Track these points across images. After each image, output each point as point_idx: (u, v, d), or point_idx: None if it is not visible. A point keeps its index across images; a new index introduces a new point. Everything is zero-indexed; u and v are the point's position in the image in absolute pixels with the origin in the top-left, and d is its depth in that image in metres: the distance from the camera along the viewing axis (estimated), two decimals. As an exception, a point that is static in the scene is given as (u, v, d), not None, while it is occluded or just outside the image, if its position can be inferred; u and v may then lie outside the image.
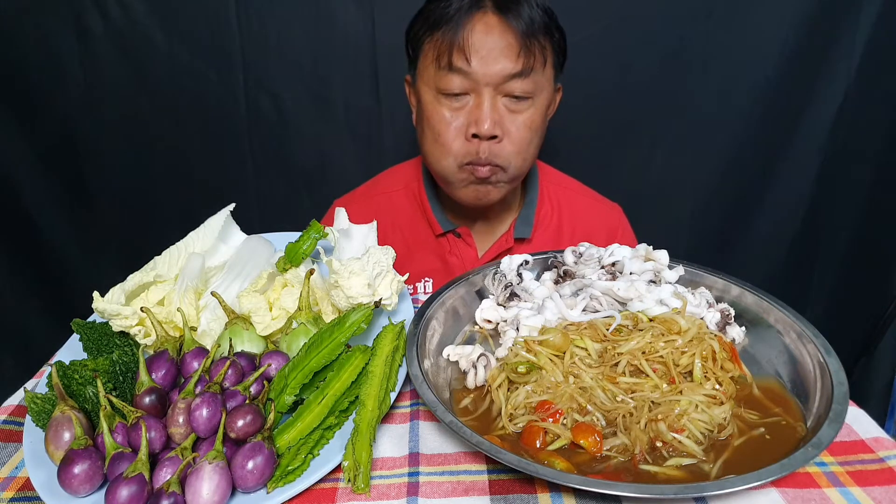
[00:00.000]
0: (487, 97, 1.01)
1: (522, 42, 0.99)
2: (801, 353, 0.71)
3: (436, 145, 1.07)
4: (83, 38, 1.50)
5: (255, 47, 1.50)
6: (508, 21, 0.98)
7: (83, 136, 1.60)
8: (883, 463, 0.58)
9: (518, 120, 1.03)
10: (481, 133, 1.01)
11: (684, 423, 0.62)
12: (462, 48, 0.98)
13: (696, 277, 0.86)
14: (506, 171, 1.07)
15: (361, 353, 0.69)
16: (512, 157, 1.05)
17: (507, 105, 1.03)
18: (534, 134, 1.06)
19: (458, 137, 1.04)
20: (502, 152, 1.04)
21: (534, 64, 1.01)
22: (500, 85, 1.01)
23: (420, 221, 1.23)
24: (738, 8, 1.45)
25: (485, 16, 0.99)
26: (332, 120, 1.58)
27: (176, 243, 0.85)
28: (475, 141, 1.03)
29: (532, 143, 1.07)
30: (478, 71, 0.99)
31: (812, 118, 1.55)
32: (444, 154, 1.06)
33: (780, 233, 1.68)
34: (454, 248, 1.21)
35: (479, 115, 1.01)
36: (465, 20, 0.99)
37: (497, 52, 0.99)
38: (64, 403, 0.61)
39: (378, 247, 0.82)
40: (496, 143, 1.03)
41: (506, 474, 0.59)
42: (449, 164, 1.07)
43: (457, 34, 0.99)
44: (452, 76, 1.01)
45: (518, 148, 1.05)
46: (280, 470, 0.58)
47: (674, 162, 1.61)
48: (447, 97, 1.03)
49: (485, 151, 1.03)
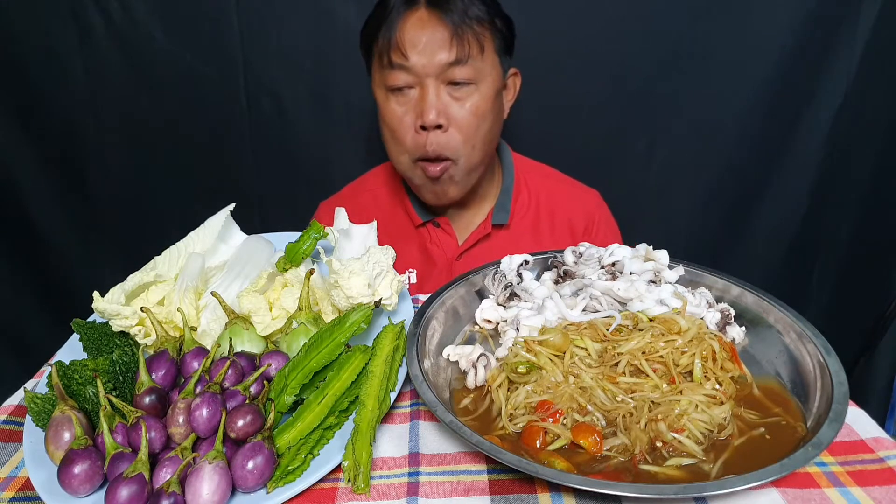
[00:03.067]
0: (431, 88, 1.07)
1: (454, 32, 1.04)
2: (801, 353, 0.71)
3: (392, 142, 1.14)
4: (84, 37, 1.50)
5: (255, 47, 1.50)
6: (440, 14, 1.05)
7: (83, 135, 1.60)
8: (883, 463, 0.58)
9: (464, 107, 1.08)
10: (426, 122, 1.06)
11: (684, 423, 0.62)
12: (399, 45, 1.06)
13: (696, 277, 0.86)
14: (456, 163, 1.11)
15: (361, 353, 0.69)
16: (460, 147, 1.10)
17: (451, 93, 1.08)
18: (481, 120, 1.10)
19: (408, 132, 1.10)
20: (450, 142, 1.09)
21: (469, 52, 1.06)
22: (440, 75, 1.06)
23: (401, 214, 1.28)
24: (737, 8, 1.45)
25: (417, 12, 1.06)
26: (333, 120, 1.58)
27: (176, 243, 0.85)
28: (424, 133, 1.08)
29: (480, 130, 1.11)
30: (416, 64, 1.05)
31: (812, 118, 1.55)
32: (399, 150, 1.13)
33: (780, 233, 1.68)
34: (434, 237, 1.26)
35: (424, 106, 1.07)
36: (400, 18, 1.06)
37: (432, 44, 1.05)
38: (64, 403, 0.61)
39: (378, 247, 0.82)
40: (443, 133, 1.08)
41: (506, 474, 0.59)
42: (405, 159, 1.13)
43: (394, 32, 1.06)
44: (395, 72, 1.07)
45: (465, 135, 1.09)
46: (280, 470, 0.58)
47: (673, 162, 1.61)
48: (394, 93, 1.10)
49: (432, 143, 1.08)
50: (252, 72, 1.52)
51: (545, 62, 1.48)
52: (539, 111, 1.53)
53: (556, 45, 1.48)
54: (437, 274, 1.25)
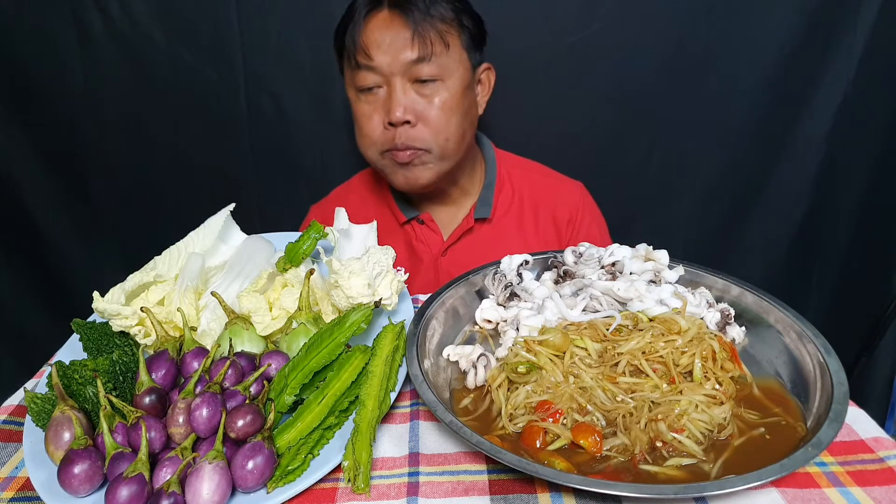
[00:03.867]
0: (397, 86, 1.09)
1: (415, 30, 1.07)
2: (801, 353, 0.71)
3: (361, 138, 1.17)
4: (84, 37, 1.50)
5: (255, 47, 1.50)
6: (401, 14, 1.08)
7: (84, 135, 1.60)
8: (883, 463, 0.58)
9: (431, 103, 1.11)
10: (394, 120, 1.09)
11: (684, 423, 0.62)
12: (363, 46, 1.09)
13: (696, 277, 0.86)
14: (430, 152, 1.13)
15: (361, 353, 0.69)
16: (431, 139, 1.12)
17: (418, 90, 1.10)
18: (450, 114, 1.12)
19: (377, 128, 1.13)
20: (419, 136, 1.11)
21: (433, 49, 1.08)
22: (405, 73, 1.09)
23: (386, 214, 1.30)
24: (737, 8, 1.45)
25: (380, 13, 1.09)
26: (333, 119, 1.58)
27: (176, 243, 0.85)
28: (391, 129, 1.11)
29: (451, 123, 1.13)
30: (382, 63, 1.08)
31: (811, 118, 1.55)
32: (367, 145, 1.16)
33: (780, 233, 1.68)
34: (420, 234, 1.27)
35: (391, 104, 1.09)
36: (364, 20, 1.10)
37: (395, 44, 1.07)
38: (64, 403, 0.61)
39: (378, 247, 0.82)
40: (411, 129, 1.11)
41: (506, 474, 0.59)
42: (373, 153, 1.16)
43: (358, 34, 1.09)
44: (363, 73, 1.11)
45: (435, 129, 1.11)
46: (280, 470, 0.58)
47: (673, 162, 1.61)
48: (363, 93, 1.13)
49: (400, 137, 1.11)
50: (252, 72, 1.52)
51: (545, 62, 1.48)
52: (538, 111, 1.53)
53: (556, 45, 1.48)
54: (423, 270, 1.26)
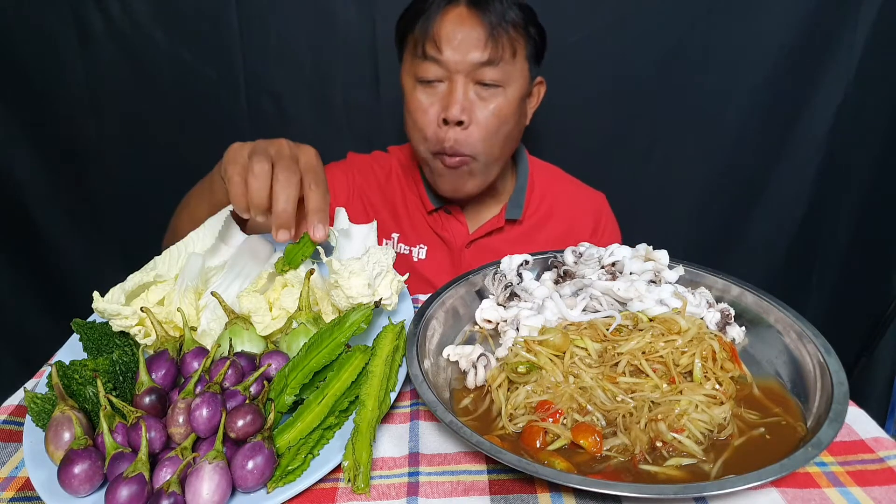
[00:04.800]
0: (459, 84, 1.08)
1: (490, 33, 1.06)
2: (801, 353, 0.71)
3: (414, 130, 1.16)
4: (84, 37, 1.50)
5: (255, 47, 1.50)
6: (479, 14, 1.07)
7: (84, 135, 1.60)
8: (883, 463, 0.58)
9: (487, 108, 1.10)
10: (450, 117, 1.08)
11: (684, 423, 0.62)
12: (435, 38, 1.07)
13: (696, 277, 0.86)
14: (476, 159, 1.13)
15: (361, 353, 0.69)
16: (478, 145, 1.11)
17: (478, 93, 1.10)
18: (502, 122, 1.12)
19: (431, 123, 1.12)
20: (468, 139, 1.11)
21: (502, 54, 1.07)
22: (470, 73, 1.08)
23: (413, 197, 1.30)
24: (737, 8, 1.45)
25: (457, 8, 1.08)
26: (333, 119, 1.58)
27: (176, 243, 0.85)
28: (445, 127, 1.10)
29: (500, 132, 1.13)
30: (449, 59, 1.07)
31: (811, 118, 1.55)
32: (420, 139, 1.15)
33: (780, 233, 1.68)
34: (446, 224, 1.27)
35: (450, 101, 1.09)
36: (440, 13, 1.08)
37: (467, 42, 1.06)
38: (64, 403, 0.61)
39: (378, 247, 0.82)
40: (462, 130, 1.10)
41: (506, 474, 0.59)
42: (424, 149, 1.16)
43: (431, 25, 1.08)
44: (427, 64, 1.09)
45: (484, 134, 1.11)
46: (280, 470, 0.58)
47: (673, 162, 1.61)
48: (423, 84, 1.12)
49: (450, 139, 1.10)
50: (252, 72, 1.52)
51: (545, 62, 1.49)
52: (538, 111, 1.53)
53: (555, 46, 1.48)
54: (443, 258, 1.27)
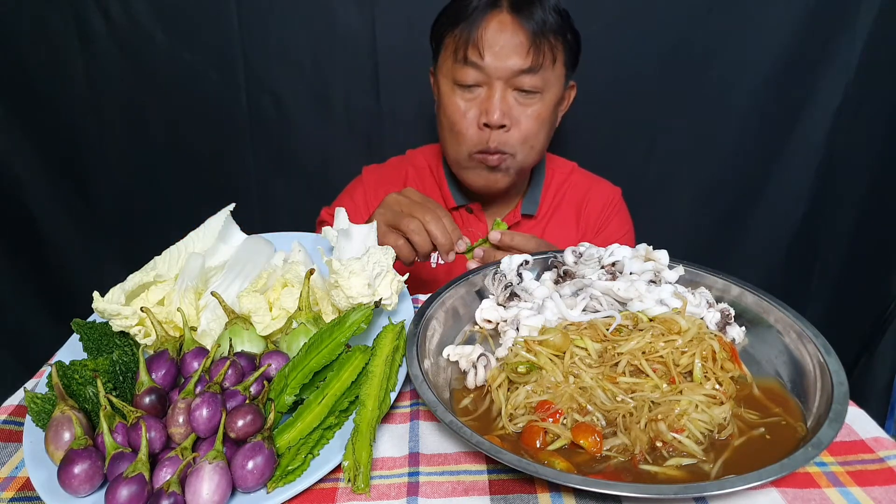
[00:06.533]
0: (498, 90, 1.09)
1: (533, 40, 1.06)
2: (801, 353, 0.71)
3: (451, 133, 1.16)
4: (84, 38, 1.50)
5: (255, 47, 1.50)
6: (521, 20, 1.07)
7: (84, 135, 1.61)
8: (883, 463, 0.58)
9: (527, 112, 1.11)
10: (491, 122, 1.09)
11: (684, 423, 0.62)
12: (477, 43, 1.07)
13: (696, 277, 0.86)
14: (514, 157, 1.15)
15: (361, 353, 0.69)
16: (519, 145, 1.14)
17: (517, 98, 1.11)
18: (541, 126, 1.13)
19: (471, 126, 1.12)
20: (510, 140, 1.12)
21: (543, 61, 1.08)
22: (510, 79, 1.08)
23: (436, 196, 1.31)
24: (737, 8, 1.45)
25: (500, 14, 1.08)
26: (333, 120, 1.58)
27: (176, 243, 0.85)
28: (486, 130, 1.11)
29: (539, 135, 1.14)
30: (490, 65, 1.07)
31: (811, 117, 1.55)
32: (458, 142, 1.15)
33: (780, 232, 1.68)
34: (466, 222, 1.29)
35: (490, 106, 1.09)
36: (482, 18, 1.07)
37: (509, 48, 1.06)
38: (64, 403, 0.61)
39: (378, 247, 0.82)
40: (505, 133, 1.11)
41: (506, 474, 0.59)
42: (462, 151, 1.16)
43: (473, 30, 1.07)
44: (467, 69, 1.09)
45: (525, 137, 1.13)
46: (280, 470, 0.58)
47: (673, 161, 1.61)
48: (462, 88, 1.12)
49: (494, 141, 1.11)
50: (252, 72, 1.52)
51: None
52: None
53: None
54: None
